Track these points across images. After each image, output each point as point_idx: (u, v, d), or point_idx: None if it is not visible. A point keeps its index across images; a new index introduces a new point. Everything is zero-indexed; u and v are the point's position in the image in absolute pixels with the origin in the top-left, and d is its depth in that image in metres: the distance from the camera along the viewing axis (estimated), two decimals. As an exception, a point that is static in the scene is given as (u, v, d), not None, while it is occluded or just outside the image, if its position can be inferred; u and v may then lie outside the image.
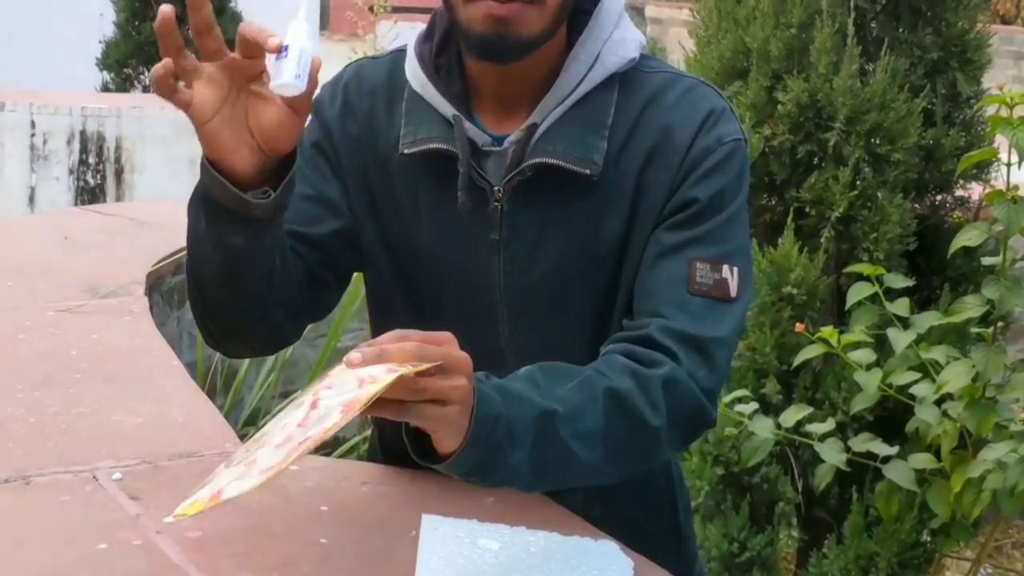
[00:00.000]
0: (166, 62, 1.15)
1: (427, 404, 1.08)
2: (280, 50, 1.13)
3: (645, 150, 1.41)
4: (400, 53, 1.49)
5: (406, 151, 1.42)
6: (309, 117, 1.34)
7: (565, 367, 1.32)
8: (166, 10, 1.12)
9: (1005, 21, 12.11)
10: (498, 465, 1.20)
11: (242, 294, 1.36)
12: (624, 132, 1.41)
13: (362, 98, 1.50)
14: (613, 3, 1.44)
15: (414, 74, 1.44)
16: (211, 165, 1.22)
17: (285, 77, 1.13)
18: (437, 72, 1.43)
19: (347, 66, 1.54)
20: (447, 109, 1.41)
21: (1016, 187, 2.46)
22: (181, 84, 1.19)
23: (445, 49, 1.45)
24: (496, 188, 1.40)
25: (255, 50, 1.15)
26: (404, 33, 3.61)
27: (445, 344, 1.11)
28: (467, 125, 1.40)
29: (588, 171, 1.38)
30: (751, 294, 1.48)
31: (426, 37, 1.46)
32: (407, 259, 1.49)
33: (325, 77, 1.41)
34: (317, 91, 1.29)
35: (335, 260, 1.48)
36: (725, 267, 1.39)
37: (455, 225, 1.43)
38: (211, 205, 1.24)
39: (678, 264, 1.38)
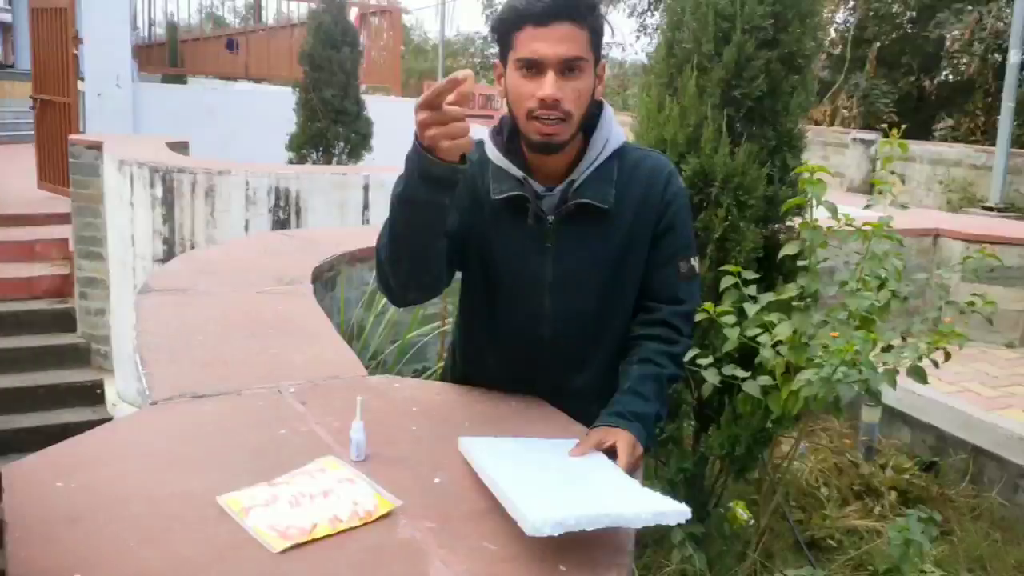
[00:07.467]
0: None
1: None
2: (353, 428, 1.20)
3: (638, 196, 1.41)
4: (480, 143, 1.43)
5: (495, 197, 1.40)
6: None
7: (647, 375, 1.39)
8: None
9: (817, 123, 12.05)
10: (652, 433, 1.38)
11: (427, 244, 1.30)
12: (623, 184, 1.40)
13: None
14: (608, 111, 1.41)
15: (494, 154, 1.42)
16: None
17: (352, 456, 1.20)
18: (507, 155, 1.41)
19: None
20: (517, 173, 1.39)
21: (816, 219, 2.42)
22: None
23: (511, 140, 1.42)
24: (550, 217, 1.39)
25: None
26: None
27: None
28: (532, 182, 1.40)
29: (606, 206, 1.38)
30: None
31: (497, 132, 1.43)
32: (489, 261, 1.45)
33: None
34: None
35: (453, 251, 1.40)
36: (693, 259, 1.46)
37: (522, 238, 1.41)
38: (435, 180, 1.18)
39: (672, 266, 1.45)
